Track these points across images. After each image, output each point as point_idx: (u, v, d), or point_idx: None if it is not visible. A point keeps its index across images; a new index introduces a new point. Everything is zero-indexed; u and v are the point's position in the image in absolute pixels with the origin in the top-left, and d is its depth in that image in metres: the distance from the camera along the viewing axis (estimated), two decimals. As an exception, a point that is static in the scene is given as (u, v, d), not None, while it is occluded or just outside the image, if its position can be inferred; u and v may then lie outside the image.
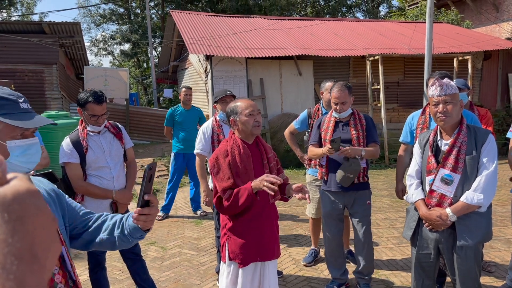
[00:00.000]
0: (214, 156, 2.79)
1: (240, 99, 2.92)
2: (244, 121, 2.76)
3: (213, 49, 10.66)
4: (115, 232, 1.59)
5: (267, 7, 24.98)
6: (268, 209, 2.83)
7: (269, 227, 2.85)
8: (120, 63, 34.30)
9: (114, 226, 1.60)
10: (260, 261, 2.83)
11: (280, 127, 10.71)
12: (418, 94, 12.29)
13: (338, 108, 3.70)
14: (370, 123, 3.82)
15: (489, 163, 2.66)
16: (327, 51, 11.42)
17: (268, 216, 2.84)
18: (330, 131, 3.77)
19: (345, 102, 3.68)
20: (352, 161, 3.59)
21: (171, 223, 6.25)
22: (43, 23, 12.69)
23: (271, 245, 2.85)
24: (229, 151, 2.74)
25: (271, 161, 2.87)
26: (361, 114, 3.86)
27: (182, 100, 6.43)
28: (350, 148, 3.54)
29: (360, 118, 3.79)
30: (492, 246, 4.95)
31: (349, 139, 3.70)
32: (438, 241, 2.87)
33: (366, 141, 3.77)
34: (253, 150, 2.82)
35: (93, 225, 1.61)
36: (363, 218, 3.80)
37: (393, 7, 32.22)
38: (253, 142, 2.86)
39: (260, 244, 2.77)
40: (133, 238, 1.58)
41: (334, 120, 3.80)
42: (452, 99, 2.69)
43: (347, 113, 3.76)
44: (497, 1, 16.52)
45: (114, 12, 30.75)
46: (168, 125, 6.56)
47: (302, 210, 6.51)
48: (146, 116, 12.99)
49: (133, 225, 1.56)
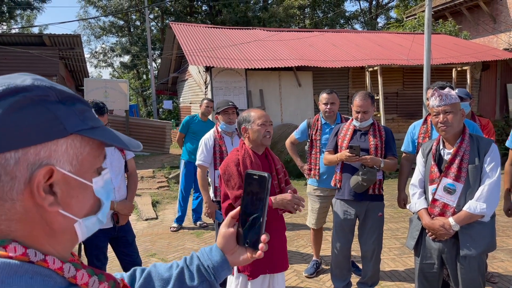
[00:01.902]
0: (225, 163, 2.80)
1: (254, 109, 2.95)
2: (256, 130, 2.79)
3: (212, 61, 10.70)
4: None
5: (266, 19, 25.15)
6: (276, 221, 2.83)
7: (278, 239, 2.84)
8: (120, 75, 34.43)
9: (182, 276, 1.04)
10: (269, 274, 2.81)
11: (280, 137, 10.70)
12: (417, 105, 12.33)
13: (360, 117, 3.66)
14: (390, 135, 3.76)
15: (492, 172, 2.66)
16: (326, 62, 11.47)
17: (277, 228, 2.83)
18: (347, 139, 3.73)
19: (367, 111, 3.65)
20: (369, 170, 3.54)
21: (171, 235, 6.21)
22: (43, 35, 12.76)
23: (280, 257, 2.84)
24: (241, 160, 2.75)
25: (279, 173, 2.88)
26: (381, 126, 3.81)
27: (202, 111, 6.38)
28: (369, 158, 3.51)
29: (380, 130, 3.74)
30: (495, 256, 4.92)
31: (367, 149, 3.66)
32: (442, 251, 2.85)
33: (385, 153, 3.72)
34: (262, 161, 2.83)
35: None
36: (373, 228, 3.76)
37: (391, 18, 32.49)
38: (262, 153, 2.87)
39: (269, 256, 2.75)
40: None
41: (352, 128, 3.76)
42: (452, 109, 2.69)
43: (368, 123, 3.71)
44: (494, 12, 16.66)
45: (114, 24, 30.94)
46: (182, 131, 6.50)
47: (303, 221, 6.48)
48: (146, 127, 12.99)
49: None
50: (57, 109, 0.70)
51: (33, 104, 0.68)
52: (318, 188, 4.48)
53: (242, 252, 1.07)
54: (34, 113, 0.67)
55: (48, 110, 0.69)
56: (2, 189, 0.65)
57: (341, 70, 11.91)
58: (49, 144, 0.68)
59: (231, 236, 1.07)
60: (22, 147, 0.66)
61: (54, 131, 0.69)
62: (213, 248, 1.07)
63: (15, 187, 0.66)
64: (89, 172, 0.76)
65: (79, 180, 0.74)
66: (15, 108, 0.66)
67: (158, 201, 8.20)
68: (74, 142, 0.72)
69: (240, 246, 1.06)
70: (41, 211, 0.69)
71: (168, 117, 23.90)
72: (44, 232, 0.71)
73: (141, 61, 29.22)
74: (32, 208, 0.68)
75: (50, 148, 0.69)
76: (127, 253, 3.69)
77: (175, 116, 22.42)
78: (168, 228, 6.51)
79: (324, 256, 5.00)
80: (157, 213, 7.46)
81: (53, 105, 0.70)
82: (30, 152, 0.66)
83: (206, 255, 1.06)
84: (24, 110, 0.66)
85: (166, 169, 10.25)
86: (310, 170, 4.48)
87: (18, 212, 0.67)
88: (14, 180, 0.66)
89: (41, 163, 0.67)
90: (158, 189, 8.99)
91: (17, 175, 0.66)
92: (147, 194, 8.54)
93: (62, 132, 0.70)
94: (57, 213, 0.71)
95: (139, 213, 7.31)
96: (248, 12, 26.04)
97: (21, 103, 0.66)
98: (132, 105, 20.90)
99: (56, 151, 0.69)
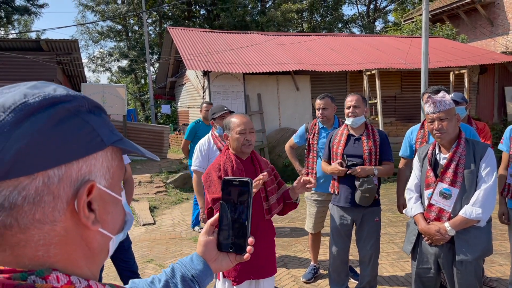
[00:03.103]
0: (207, 170, 2.79)
1: (237, 115, 2.89)
2: (235, 138, 2.76)
3: (210, 65, 10.71)
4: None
5: (264, 23, 25.22)
6: (262, 225, 2.80)
7: (264, 244, 2.81)
8: (118, 79, 34.44)
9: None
10: (255, 279, 2.78)
11: (278, 142, 10.70)
12: (415, 108, 12.35)
13: (351, 111, 3.64)
14: (384, 139, 3.71)
15: (488, 177, 2.65)
16: (324, 66, 11.48)
17: (263, 233, 2.80)
18: (341, 145, 3.70)
19: (358, 106, 3.63)
20: (364, 181, 3.51)
21: (168, 240, 6.19)
22: (41, 41, 12.75)
23: (266, 263, 2.81)
24: (222, 166, 2.73)
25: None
26: (376, 129, 3.77)
27: (203, 116, 6.34)
28: (360, 169, 3.50)
29: (374, 134, 3.70)
30: (493, 260, 4.90)
31: (361, 155, 3.63)
32: (438, 256, 2.83)
33: (380, 158, 3.68)
34: (247, 166, 2.79)
35: None
36: (370, 234, 3.74)
37: (389, 22, 32.60)
38: (247, 158, 2.84)
39: (255, 262, 2.72)
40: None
41: (346, 133, 3.74)
42: (446, 115, 2.68)
43: (360, 120, 3.68)
44: (492, 16, 16.71)
45: (112, 29, 30.98)
46: (189, 138, 6.40)
47: (302, 226, 6.46)
48: (144, 132, 12.97)
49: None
50: (91, 120, 0.66)
51: (71, 116, 0.63)
52: (315, 193, 4.47)
53: (223, 257, 1.06)
54: (74, 125, 0.63)
55: (85, 121, 0.65)
56: (43, 210, 0.59)
57: (339, 74, 11.93)
58: (90, 158, 0.65)
59: (211, 244, 1.06)
60: (65, 163, 0.61)
61: (93, 144, 0.65)
62: (194, 257, 1.06)
63: (57, 207, 0.61)
64: (118, 186, 0.72)
65: (112, 194, 0.70)
66: (56, 121, 0.61)
67: (156, 206, 8.17)
68: (107, 154, 0.68)
69: (221, 252, 1.06)
70: (81, 231, 0.65)
71: (166, 121, 23.90)
72: (83, 253, 0.66)
73: (139, 66, 29.26)
74: (72, 229, 0.63)
75: (90, 163, 0.65)
76: (123, 260, 3.66)
77: (173, 120, 22.43)
78: (165, 234, 6.48)
79: (322, 261, 4.98)
80: (155, 218, 7.43)
81: (87, 116, 0.66)
82: (72, 168, 0.62)
83: (188, 265, 1.04)
84: (64, 122, 0.62)
85: (164, 174, 10.23)
86: (307, 174, 4.48)
87: (58, 234, 0.62)
88: (57, 200, 0.60)
89: (83, 179, 0.63)
90: (155, 194, 8.97)
91: (60, 194, 0.61)
92: (145, 199, 8.51)
93: (101, 145, 0.66)
94: (96, 232, 0.67)
95: (136, 218, 7.28)
96: (246, 16, 26.10)
97: (61, 115, 0.61)
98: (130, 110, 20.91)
99: (95, 166, 0.66)
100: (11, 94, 0.60)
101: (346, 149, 3.67)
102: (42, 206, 0.59)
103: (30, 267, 0.60)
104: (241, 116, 2.87)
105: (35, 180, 0.58)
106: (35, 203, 0.59)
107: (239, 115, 2.89)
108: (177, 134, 15.91)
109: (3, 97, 0.60)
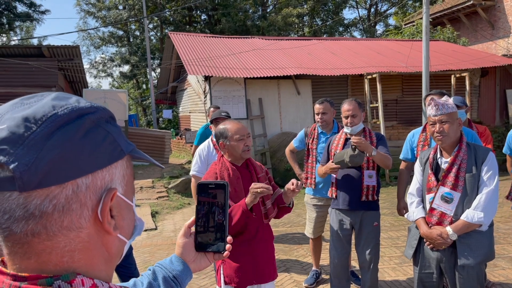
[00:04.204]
0: (204, 179, 2.76)
1: (229, 122, 2.84)
2: (234, 146, 2.72)
3: (211, 70, 10.72)
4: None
5: (265, 28, 25.27)
6: (262, 230, 2.79)
7: (264, 249, 2.80)
8: (119, 84, 34.54)
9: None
10: (256, 284, 2.78)
11: (280, 146, 10.69)
12: (417, 111, 12.33)
13: (349, 121, 3.64)
14: (381, 139, 3.72)
15: (490, 181, 2.64)
16: (325, 70, 11.49)
17: (263, 238, 2.80)
18: (339, 148, 3.70)
19: (356, 115, 3.63)
20: (358, 154, 3.37)
21: (170, 246, 6.18)
22: (42, 47, 12.80)
23: (266, 267, 2.80)
24: (218, 174, 2.71)
25: (262, 181, 2.82)
26: (373, 132, 3.77)
27: (210, 120, 6.32)
28: (364, 140, 3.37)
29: (371, 136, 3.71)
30: (496, 264, 4.88)
31: None
32: (440, 260, 2.82)
33: None
34: (242, 172, 2.77)
35: None
36: (369, 239, 3.71)
37: (389, 25, 32.64)
38: (243, 164, 2.82)
39: (256, 267, 2.73)
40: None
41: (344, 137, 3.74)
42: (448, 119, 2.68)
43: (359, 128, 3.69)
44: (492, 19, 16.72)
45: (114, 34, 31.09)
46: (199, 144, 6.37)
47: (303, 230, 6.44)
48: (145, 137, 12.98)
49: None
50: (111, 130, 0.70)
51: (95, 126, 0.66)
52: (314, 197, 4.46)
53: (202, 257, 1.11)
54: (99, 136, 0.66)
55: (106, 131, 0.68)
56: (71, 218, 0.62)
57: (340, 78, 11.93)
58: (112, 167, 0.68)
59: (189, 246, 1.10)
60: (92, 172, 0.64)
61: (115, 154, 0.69)
62: (173, 259, 1.10)
63: (84, 214, 0.64)
64: (131, 192, 0.76)
65: (127, 201, 0.74)
66: (84, 132, 0.63)
67: (158, 212, 8.17)
68: (123, 163, 0.72)
69: (199, 253, 1.10)
70: (101, 236, 0.68)
71: (168, 126, 23.93)
72: (103, 258, 0.70)
73: (140, 71, 29.32)
74: (94, 235, 0.67)
75: (112, 171, 0.68)
76: (124, 265, 3.66)
77: (175, 125, 22.44)
78: (167, 239, 6.47)
79: (324, 266, 4.96)
80: (156, 223, 7.42)
81: (107, 126, 0.69)
82: (98, 177, 0.65)
83: (168, 266, 1.07)
84: (91, 133, 0.65)
85: (165, 179, 10.23)
86: (307, 178, 4.47)
87: (83, 240, 0.65)
88: (84, 207, 0.64)
89: (106, 186, 0.67)
90: (157, 199, 8.96)
91: (86, 202, 0.64)
92: (146, 204, 8.51)
93: (121, 154, 0.70)
94: (115, 237, 0.71)
95: (138, 223, 7.27)
96: (247, 20, 26.17)
97: (87, 126, 0.64)
98: (131, 115, 20.94)
99: (115, 174, 0.69)
100: (39, 105, 0.62)
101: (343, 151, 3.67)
102: (70, 214, 0.62)
103: (54, 273, 0.62)
104: (235, 122, 2.82)
105: (65, 189, 0.61)
106: (64, 211, 0.62)
107: (232, 122, 2.83)
108: (179, 139, 15.92)
109: (30, 108, 0.62)
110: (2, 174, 0.58)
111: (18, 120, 0.60)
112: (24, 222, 0.59)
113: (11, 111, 0.61)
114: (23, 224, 0.60)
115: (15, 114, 0.61)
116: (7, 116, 0.61)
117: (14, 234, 0.60)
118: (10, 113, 0.61)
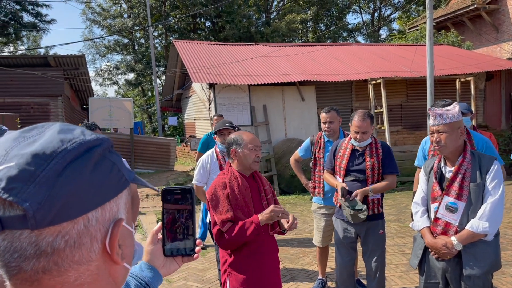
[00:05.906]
0: (212, 188, 2.76)
1: (244, 132, 2.91)
2: (246, 155, 2.74)
3: (216, 77, 10.77)
4: None
5: (269, 34, 25.35)
6: (267, 242, 2.80)
7: (270, 261, 2.81)
8: (125, 92, 34.73)
9: None
10: None
11: (285, 152, 10.70)
12: (422, 116, 12.29)
13: (359, 137, 3.60)
14: (387, 153, 3.69)
15: (495, 190, 2.62)
16: (329, 76, 11.50)
17: (268, 250, 2.80)
18: (345, 159, 3.69)
19: (366, 132, 3.60)
20: (356, 214, 3.45)
21: (176, 254, 6.16)
22: (48, 57, 12.93)
23: (272, 279, 2.80)
24: (228, 183, 2.72)
25: (268, 193, 2.85)
26: (379, 142, 3.74)
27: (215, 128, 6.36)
28: (356, 195, 3.51)
29: (377, 148, 3.68)
30: (503, 271, 4.83)
31: (364, 170, 3.62)
32: (445, 270, 2.80)
33: (382, 172, 3.67)
34: (250, 182, 2.79)
35: None
36: (375, 247, 3.71)
37: (393, 30, 32.62)
38: (250, 175, 2.84)
39: (262, 279, 2.72)
40: None
41: (351, 148, 3.72)
42: (445, 129, 2.66)
43: (366, 143, 3.67)
44: (497, 22, 16.68)
45: (119, 43, 31.32)
46: (201, 151, 6.35)
47: (309, 237, 6.42)
48: (150, 144, 13.04)
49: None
50: (115, 160, 0.68)
51: (102, 158, 0.66)
52: (323, 206, 4.44)
53: (171, 262, 1.12)
54: (106, 168, 0.65)
55: (112, 162, 0.67)
56: (81, 252, 0.62)
57: (344, 84, 11.93)
58: (118, 197, 0.67)
59: (157, 252, 1.11)
60: (101, 205, 0.63)
61: (121, 184, 0.68)
62: (142, 266, 1.10)
63: (93, 247, 0.63)
64: (131, 218, 0.74)
65: (129, 229, 0.72)
66: (92, 165, 0.63)
67: (163, 220, 8.16)
68: (126, 191, 0.71)
69: (168, 257, 1.10)
70: (108, 267, 0.67)
71: (173, 133, 24.02)
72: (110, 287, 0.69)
73: (145, 79, 29.48)
74: (103, 266, 0.66)
75: (118, 202, 0.67)
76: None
77: (180, 132, 22.51)
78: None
79: (330, 274, 4.94)
80: (162, 232, 7.42)
81: (111, 156, 0.68)
82: (106, 209, 0.65)
83: (139, 274, 1.07)
84: (98, 166, 0.64)
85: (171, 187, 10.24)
86: (314, 188, 4.46)
87: (92, 273, 0.64)
88: (93, 240, 0.63)
89: (113, 218, 0.66)
90: (163, 207, 8.96)
91: (96, 235, 0.63)
92: (152, 212, 8.52)
93: (125, 183, 0.69)
94: (122, 266, 0.70)
95: (144, 232, 7.29)
96: (251, 27, 26.27)
97: (95, 160, 0.64)
98: (136, 122, 21.04)
99: (120, 204, 0.68)
100: (46, 140, 0.61)
101: (349, 164, 3.67)
102: (81, 248, 0.61)
103: None
104: (249, 133, 2.90)
105: (77, 224, 0.60)
106: (75, 246, 0.61)
107: (247, 132, 2.91)
108: (184, 146, 15.96)
109: (36, 143, 0.61)
110: (13, 213, 0.56)
111: (28, 157, 0.58)
112: (35, 260, 0.58)
113: (17, 147, 0.60)
114: (34, 261, 0.58)
115: (22, 150, 0.59)
116: (14, 152, 0.59)
117: (24, 272, 0.58)
118: (16, 149, 0.60)
